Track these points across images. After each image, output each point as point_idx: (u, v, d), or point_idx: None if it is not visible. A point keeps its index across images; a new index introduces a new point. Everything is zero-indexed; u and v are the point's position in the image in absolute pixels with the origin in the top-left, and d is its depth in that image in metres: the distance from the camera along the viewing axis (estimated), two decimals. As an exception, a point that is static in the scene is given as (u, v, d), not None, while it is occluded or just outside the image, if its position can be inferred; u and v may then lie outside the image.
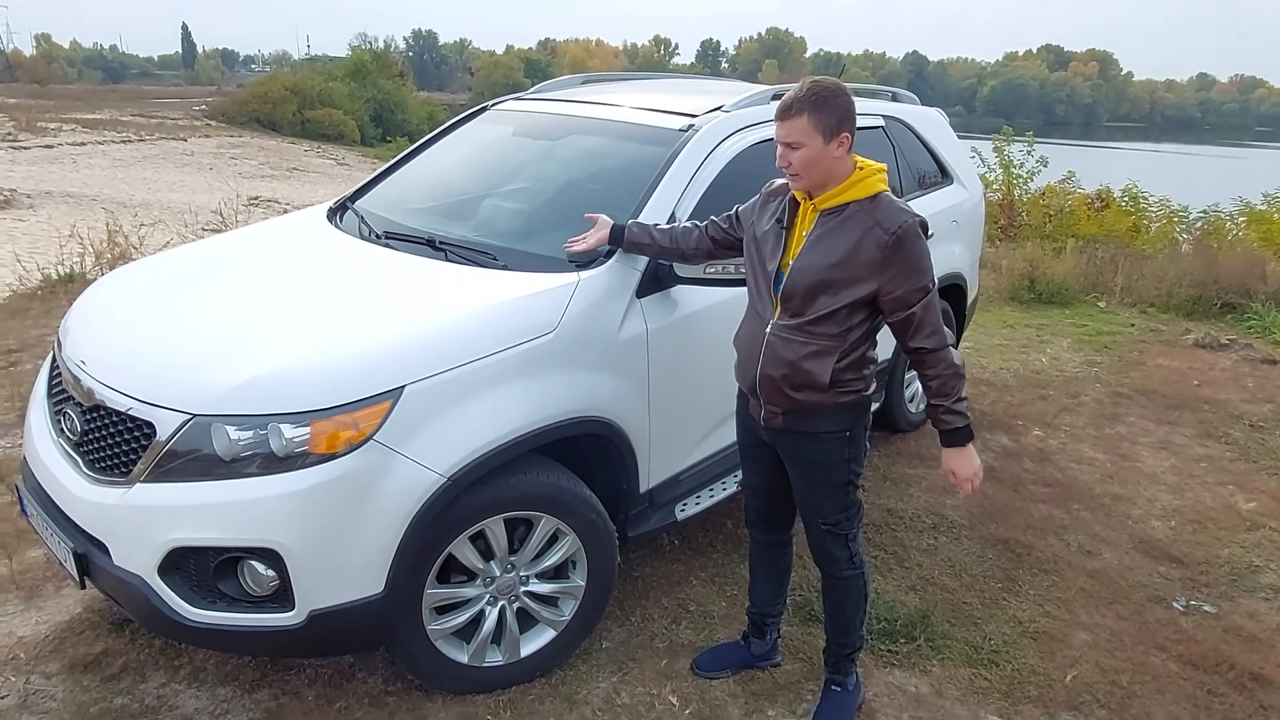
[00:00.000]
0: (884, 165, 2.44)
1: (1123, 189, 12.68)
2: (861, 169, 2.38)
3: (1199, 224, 11.92)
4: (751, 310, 2.57)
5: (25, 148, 21.18)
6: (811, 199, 2.41)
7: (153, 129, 28.94)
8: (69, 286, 7.01)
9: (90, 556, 2.41)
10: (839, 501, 2.58)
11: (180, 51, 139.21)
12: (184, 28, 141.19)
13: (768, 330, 2.46)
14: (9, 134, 23.27)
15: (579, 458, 2.90)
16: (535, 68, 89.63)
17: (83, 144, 23.16)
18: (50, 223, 11.41)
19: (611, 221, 2.92)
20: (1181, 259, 9.30)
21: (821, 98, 2.28)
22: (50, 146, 21.92)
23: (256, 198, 15.57)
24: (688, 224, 2.89)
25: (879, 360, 2.63)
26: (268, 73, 54.07)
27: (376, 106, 41.98)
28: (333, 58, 67.36)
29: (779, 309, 2.44)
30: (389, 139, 39.37)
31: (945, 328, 2.36)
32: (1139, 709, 2.96)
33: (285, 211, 13.66)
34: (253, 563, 2.31)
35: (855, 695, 2.86)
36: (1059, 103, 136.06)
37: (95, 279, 7.22)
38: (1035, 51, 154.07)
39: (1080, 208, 11.97)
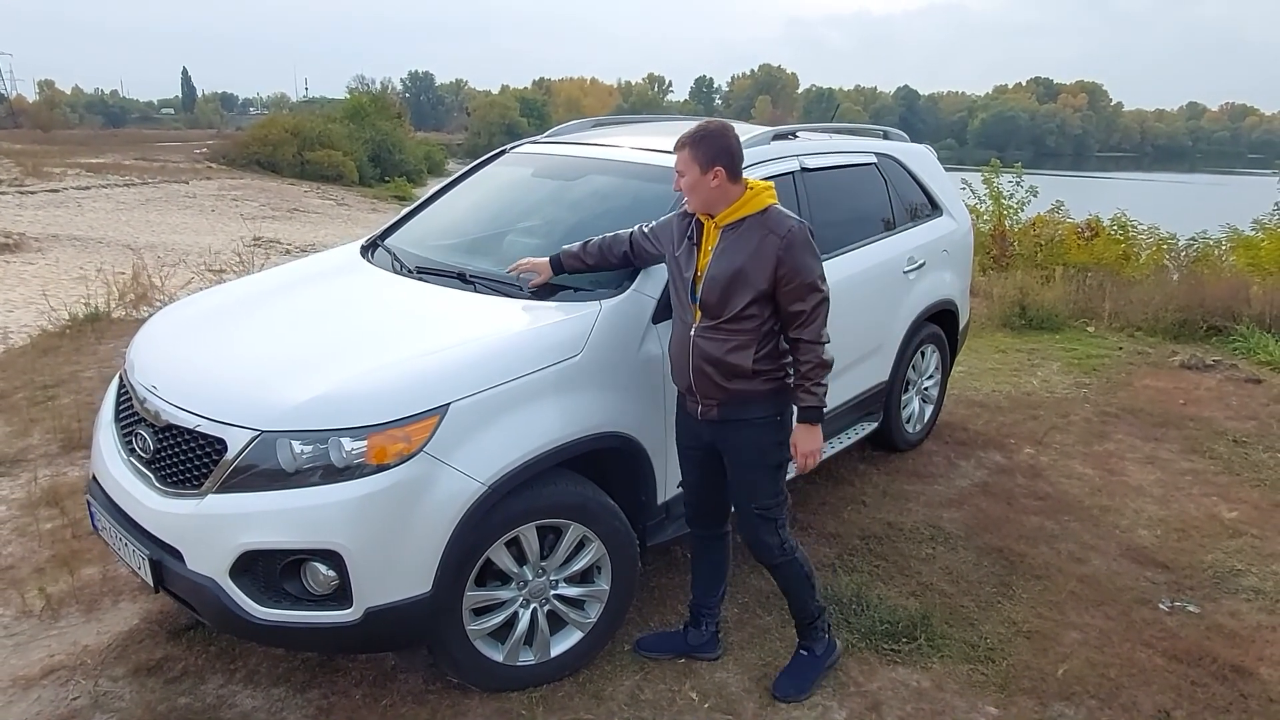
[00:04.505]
0: (771, 185, 2.85)
1: (1112, 218, 12.98)
2: (752, 189, 2.80)
3: (1188, 250, 12.23)
4: (677, 319, 2.94)
5: (32, 192, 21.51)
6: (713, 218, 2.81)
7: (155, 172, 29.34)
8: (95, 325, 7.29)
9: (164, 563, 2.65)
10: (771, 485, 2.93)
11: (180, 95, 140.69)
12: (184, 72, 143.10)
13: (692, 333, 2.83)
14: (15, 179, 23.61)
15: (602, 471, 3.14)
16: (531, 107, 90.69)
17: (87, 188, 23.48)
18: (58, 265, 11.71)
19: (547, 259, 3.29)
20: (1168, 284, 9.58)
21: (700, 136, 2.75)
22: (56, 191, 22.23)
23: (259, 238, 15.88)
24: (616, 235, 3.22)
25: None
26: (267, 115, 54.75)
27: (375, 147, 42.50)
28: (330, 99, 68.38)
29: (699, 314, 2.82)
30: (387, 179, 39.90)
31: (825, 329, 2.77)
32: (1126, 698, 3.18)
33: (288, 251, 14.01)
34: (315, 564, 2.55)
35: (823, 660, 3.18)
36: (1050, 134, 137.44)
37: (118, 318, 7.54)
38: (1025, 84, 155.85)
39: (1070, 237, 12.27)
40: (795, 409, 2.84)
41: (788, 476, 3.02)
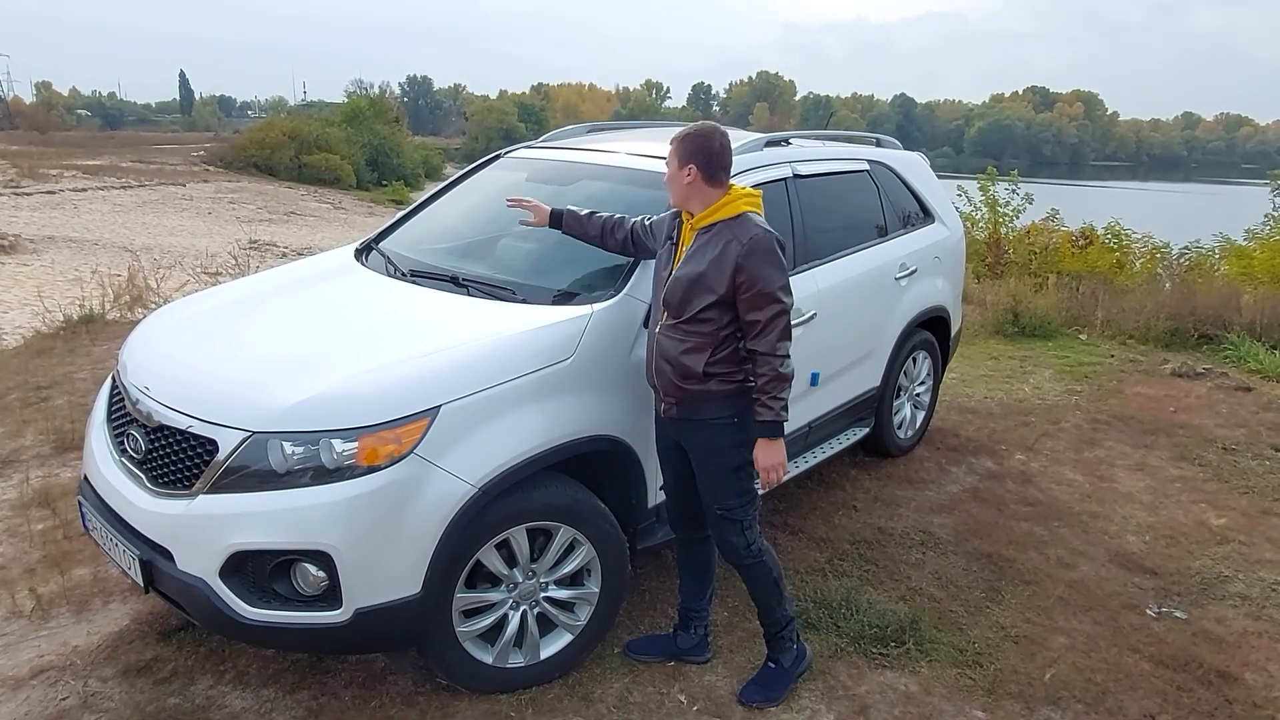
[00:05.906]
0: (758, 192, 2.89)
1: (1106, 226, 13.03)
2: (730, 194, 2.82)
3: (1181, 259, 12.29)
4: (652, 316, 2.98)
5: (28, 194, 21.45)
6: (691, 219, 2.85)
7: (152, 174, 29.30)
8: (89, 326, 7.30)
9: (154, 563, 2.66)
10: (733, 487, 2.92)
11: (178, 98, 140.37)
12: (181, 75, 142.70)
13: (657, 331, 2.87)
14: (11, 180, 23.54)
15: (592, 474, 3.16)
16: (529, 112, 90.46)
17: (84, 190, 23.41)
18: (54, 266, 11.72)
19: (549, 208, 3.38)
20: (1160, 293, 9.63)
21: (685, 135, 2.83)
22: (52, 193, 22.16)
23: (255, 241, 15.89)
24: (622, 218, 3.28)
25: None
26: (264, 118, 54.76)
27: (372, 151, 42.51)
28: (328, 103, 68.34)
29: (665, 313, 2.85)
30: (384, 183, 39.92)
31: (785, 342, 2.75)
32: (1113, 703, 3.20)
33: (284, 255, 14.02)
34: (305, 565, 2.56)
35: (792, 670, 3.18)
36: (1046, 143, 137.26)
37: (113, 320, 7.55)
38: (1021, 93, 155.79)
39: (1065, 245, 12.32)
40: (754, 423, 2.81)
41: (758, 492, 3.00)
